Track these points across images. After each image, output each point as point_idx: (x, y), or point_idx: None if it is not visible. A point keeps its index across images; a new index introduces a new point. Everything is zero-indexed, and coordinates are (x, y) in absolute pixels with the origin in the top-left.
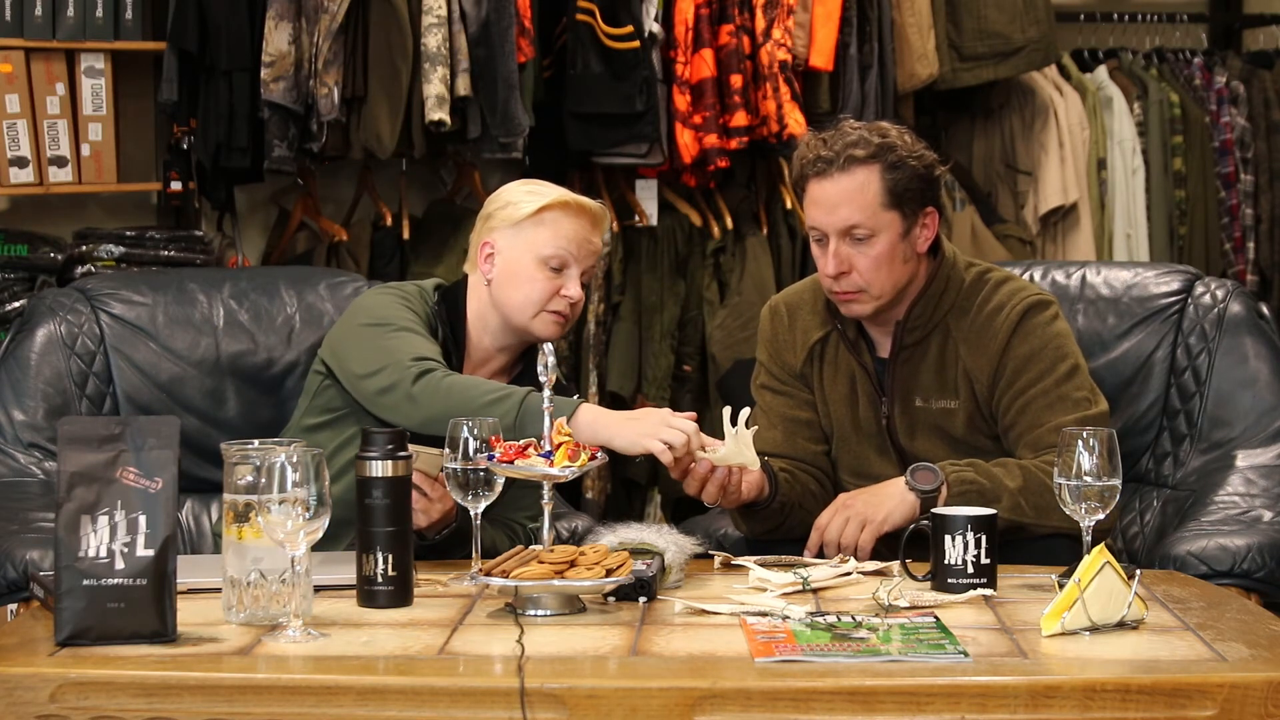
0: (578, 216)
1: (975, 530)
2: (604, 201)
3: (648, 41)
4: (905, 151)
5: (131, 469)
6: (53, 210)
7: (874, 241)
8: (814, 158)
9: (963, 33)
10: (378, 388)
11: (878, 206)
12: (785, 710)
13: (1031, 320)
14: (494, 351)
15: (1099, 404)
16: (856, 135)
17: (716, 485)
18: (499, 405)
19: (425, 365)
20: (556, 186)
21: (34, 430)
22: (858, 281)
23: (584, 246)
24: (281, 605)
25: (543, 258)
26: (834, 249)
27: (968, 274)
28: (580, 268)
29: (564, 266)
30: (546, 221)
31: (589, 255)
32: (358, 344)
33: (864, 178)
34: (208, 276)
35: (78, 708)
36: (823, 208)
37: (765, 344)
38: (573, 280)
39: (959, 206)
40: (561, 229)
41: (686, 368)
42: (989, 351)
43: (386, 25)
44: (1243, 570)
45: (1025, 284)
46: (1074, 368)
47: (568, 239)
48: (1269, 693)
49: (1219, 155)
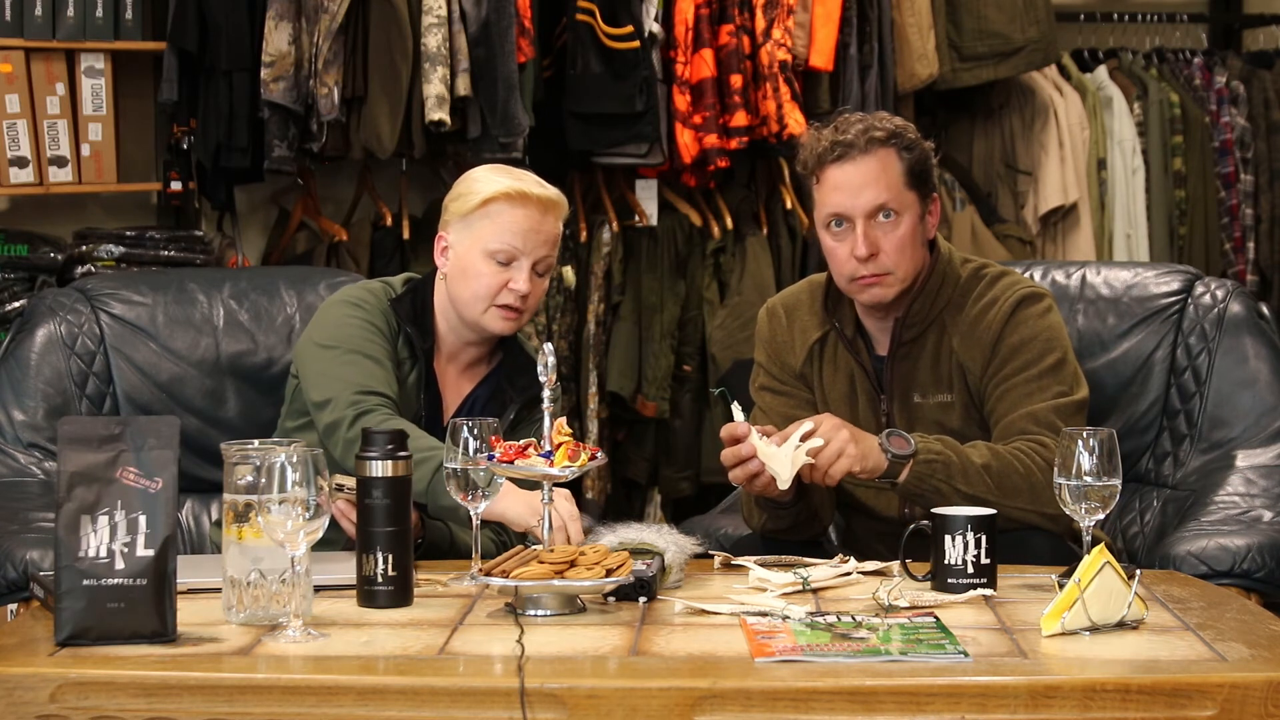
0: (525, 205)
1: (975, 530)
2: (604, 202)
3: (648, 41)
4: (913, 135)
5: (131, 469)
6: (53, 210)
7: (899, 221)
8: (830, 144)
9: (963, 33)
10: (323, 424)
11: (902, 186)
12: (785, 710)
13: (1024, 311)
14: (462, 346)
15: (1078, 391)
16: (867, 122)
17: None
18: (419, 467)
19: (365, 405)
20: (519, 172)
21: (34, 430)
22: (885, 264)
23: (532, 237)
24: (281, 605)
25: (489, 251)
26: (862, 231)
27: (964, 270)
28: (531, 259)
29: (511, 259)
30: (493, 214)
31: (540, 245)
32: (313, 366)
33: (886, 158)
34: (208, 276)
35: (78, 708)
36: (847, 191)
37: (764, 345)
38: (521, 272)
39: (959, 206)
40: (507, 220)
41: (686, 368)
42: (982, 343)
43: (386, 25)
44: (1243, 570)
45: (1019, 278)
46: (1060, 360)
47: (513, 231)
48: (1269, 693)
49: (1219, 155)
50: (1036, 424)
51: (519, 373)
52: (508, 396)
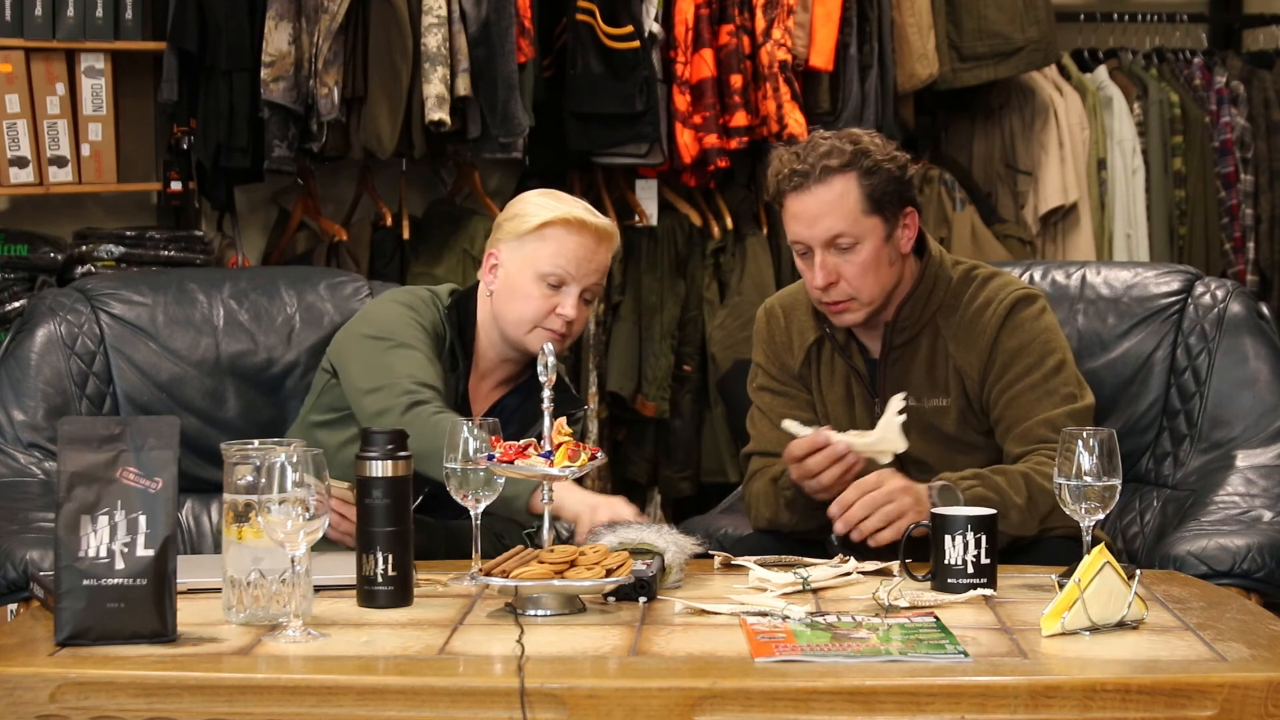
0: (581, 233)
1: (975, 530)
2: (604, 202)
3: (648, 41)
4: (880, 155)
5: (131, 469)
6: (53, 210)
7: (859, 249)
8: (789, 172)
9: (963, 33)
10: (373, 409)
11: (859, 214)
12: (785, 710)
13: (1019, 314)
14: (498, 362)
15: (1085, 397)
16: (829, 145)
17: (842, 469)
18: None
19: (419, 395)
20: (573, 200)
21: (34, 430)
22: (847, 290)
23: (585, 265)
24: (281, 605)
25: (541, 274)
26: (820, 260)
27: (955, 272)
28: (581, 285)
29: (562, 284)
30: (548, 237)
31: (591, 273)
32: (361, 355)
33: (842, 187)
34: (208, 276)
35: (78, 708)
36: (803, 221)
37: (762, 345)
38: (570, 298)
39: (959, 206)
40: (563, 246)
41: (686, 368)
42: (978, 346)
43: (386, 25)
44: (1243, 570)
45: (1012, 279)
46: (1061, 362)
47: (567, 257)
48: (1269, 693)
49: (1219, 155)
50: (1054, 430)
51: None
52: (522, 413)
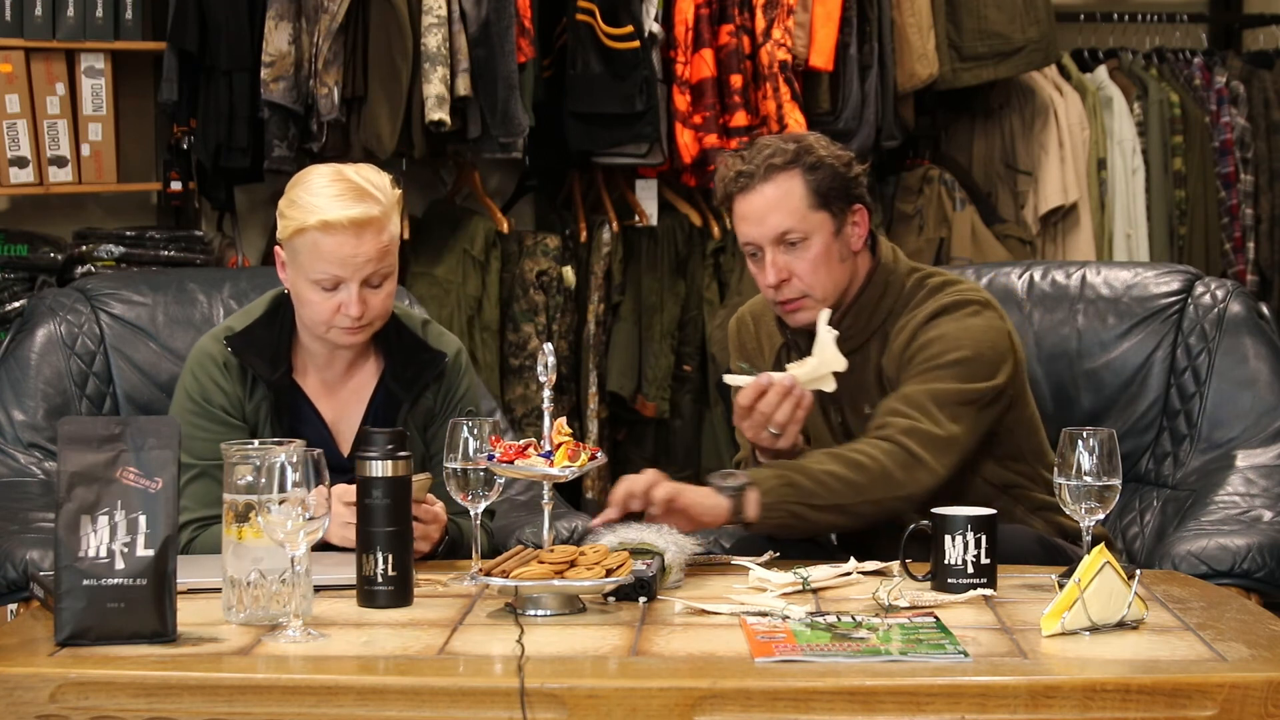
0: (334, 233)
1: (975, 530)
2: (604, 202)
3: (648, 41)
4: (823, 152)
5: (131, 469)
6: (53, 210)
7: (808, 244)
8: (735, 175)
9: (963, 33)
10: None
11: (806, 209)
12: (785, 710)
13: (943, 317)
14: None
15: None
16: (773, 146)
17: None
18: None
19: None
20: (333, 188)
21: (34, 430)
22: (799, 287)
23: (350, 262)
24: (281, 605)
25: (312, 280)
26: (770, 259)
27: (909, 279)
28: (356, 281)
29: (337, 284)
30: (305, 245)
31: (362, 266)
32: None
33: (787, 184)
34: (208, 276)
35: (78, 708)
36: (751, 220)
37: (736, 352)
38: (350, 294)
39: (959, 206)
40: (321, 251)
41: (686, 368)
42: (894, 350)
43: (386, 25)
44: (1243, 570)
45: (960, 286)
46: (965, 358)
47: (329, 260)
48: (1269, 693)
49: (1219, 155)
50: (906, 403)
51: (404, 366)
52: (397, 398)
